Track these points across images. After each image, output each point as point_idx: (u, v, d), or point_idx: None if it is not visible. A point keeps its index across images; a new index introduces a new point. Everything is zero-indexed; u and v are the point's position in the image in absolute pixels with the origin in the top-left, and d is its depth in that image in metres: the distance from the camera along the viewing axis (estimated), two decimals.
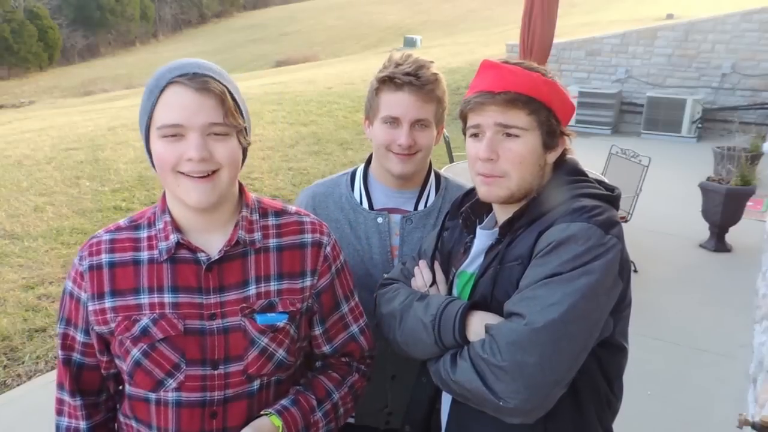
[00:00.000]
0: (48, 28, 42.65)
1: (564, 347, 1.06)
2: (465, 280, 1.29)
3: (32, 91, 34.61)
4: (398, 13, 42.77)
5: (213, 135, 1.10)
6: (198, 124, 1.08)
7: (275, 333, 1.20)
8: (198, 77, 1.09)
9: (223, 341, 1.18)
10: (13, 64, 40.45)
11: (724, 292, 4.55)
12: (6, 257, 4.75)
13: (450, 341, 1.17)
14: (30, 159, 7.40)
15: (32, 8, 42.55)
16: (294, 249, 1.24)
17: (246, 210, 1.23)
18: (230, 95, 1.12)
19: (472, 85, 1.24)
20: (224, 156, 1.11)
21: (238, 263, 1.20)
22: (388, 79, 1.48)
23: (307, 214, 1.32)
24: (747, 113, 9.39)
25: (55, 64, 43.73)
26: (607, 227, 1.11)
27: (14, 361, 3.53)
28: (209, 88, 1.09)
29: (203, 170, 1.10)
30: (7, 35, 39.19)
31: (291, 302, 1.22)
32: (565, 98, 1.23)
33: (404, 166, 1.52)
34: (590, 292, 1.06)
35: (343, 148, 8.34)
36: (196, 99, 1.08)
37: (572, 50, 10.60)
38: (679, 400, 3.25)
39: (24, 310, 4.01)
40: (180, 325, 1.16)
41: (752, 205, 5.75)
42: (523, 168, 1.18)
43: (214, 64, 1.16)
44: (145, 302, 1.17)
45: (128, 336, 1.17)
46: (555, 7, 5.07)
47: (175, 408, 1.18)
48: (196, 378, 1.17)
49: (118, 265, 1.19)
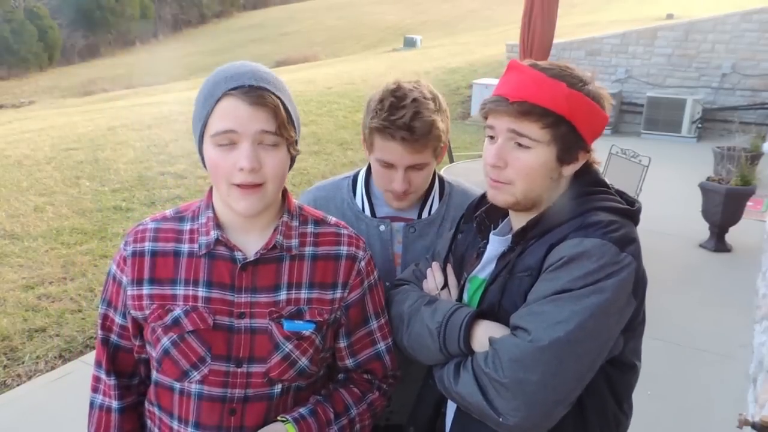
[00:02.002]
0: (48, 28, 42.63)
1: (568, 367, 1.03)
2: (476, 285, 1.27)
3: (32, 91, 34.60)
4: (398, 13, 42.75)
5: (264, 144, 1.12)
6: (251, 131, 1.11)
7: (300, 341, 1.21)
8: (253, 90, 1.11)
9: (249, 341, 1.20)
10: (13, 64, 40.41)
11: (724, 292, 4.55)
12: (6, 257, 4.75)
13: (455, 349, 1.16)
14: (30, 159, 7.40)
15: (32, 8, 42.53)
16: (329, 259, 1.26)
17: (287, 216, 1.25)
18: (283, 107, 1.14)
19: (498, 84, 1.20)
20: (272, 168, 1.14)
21: (273, 267, 1.22)
22: (381, 129, 1.42)
23: (346, 227, 1.33)
24: (747, 113, 9.39)
25: (55, 64, 43.70)
26: (623, 244, 1.07)
27: (14, 361, 3.53)
28: (264, 103, 1.11)
29: (252, 181, 1.12)
30: (7, 35, 39.16)
31: (319, 312, 1.23)
32: (594, 110, 1.14)
33: (400, 204, 1.54)
34: (600, 312, 1.03)
35: (343, 148, 8.34)
36: (250, 111, 1.10)
37: (572, 50, 10.60)
38: (679, 400, 3.25)
39: (24, 310, 4.00)
40: (210, 319, 1.18)
41: (752, 205, 5.75)
42: (530, 180, 1.15)
43: (269, 73, 1.17)
44: (180, 293, 1.20)
45: (160, 324, 1.20)
46: (555, 7, 5.07)
47: (196, 400, 1.20)
48: (220, 373, 1.19)
49: (160, 254, 1.23)
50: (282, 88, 1.17)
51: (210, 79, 1.16)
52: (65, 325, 3.85)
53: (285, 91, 1.17)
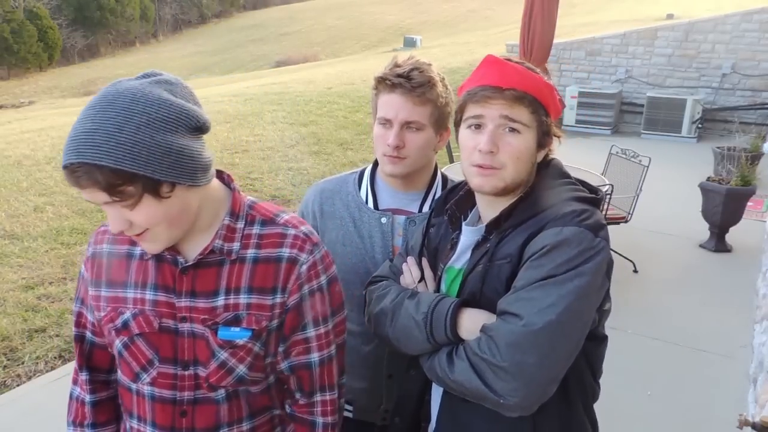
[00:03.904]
0: (48, 28, 42.65)
1: (560, 346, 1.11)
2: (453, 275, 1.32)
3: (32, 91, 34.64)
4: (398, 13, 42.79)
5: (123, 206, 1.03)
6: (100, 202, 1.03)
7: (235, 349, 1.17)
8: (74, 172, 0.98)
9: (192, 344, 1.18)
10: (12, 64, 40.45)
11: (724, 292, 4.55)
12: (6, 257, 4.75)
13: (442, 338, 1.21)
14: (30, 159, 7.40)
15: (32, 8, 42.54)
16: (270, 263, 1.19)
17: (230, 218, 1.20)
18: (109, 170, 0.98)
19: (473, 79, 1.26)
20: (142, 221, 1.06)
21: (213, 271, 1.18)
22: (382, 79, 1.51)
23: (296, 226, 1.23)
24: (747, 113, 9.39)
25: (55, 64, 43.74)
26: (596, 230, 1.16)
27: (14, 362, 3.53)
28: (87, 180, 0.98)
29: (133, 234, 1.09)
30: (7, 35, 39.18)
31: (257, 319, 1.17)
32: (558, 100, 1.28)
33: (393, 168, 1.53)
34: (582, 293, 1.12)
35: (343, 149, 8.34)
36: (85, 190, 1.01)
37: (572, 50, 10.60)
38: (679, 400, 3.25)
39: (24, 311, 4.00)
40: (155, 322, 1.18)
41: (752, 206, 5.75)
42: (520, 163, 1.22)
43: (101, 120, 0.99)
44: (130, 296, 1.20)
45: (112, 327, 1.20)
46: (555, 7, 5.07)
47: (150, 401, 1.21)
48: (168, 376, 1.19)
49: (115, 257, 1.23)
50: (115, 140, 0.97)
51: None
52: (65, 325, 3.84)
53: (120, 142, 0.98)
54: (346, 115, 10.05)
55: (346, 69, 16.66)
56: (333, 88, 12.37)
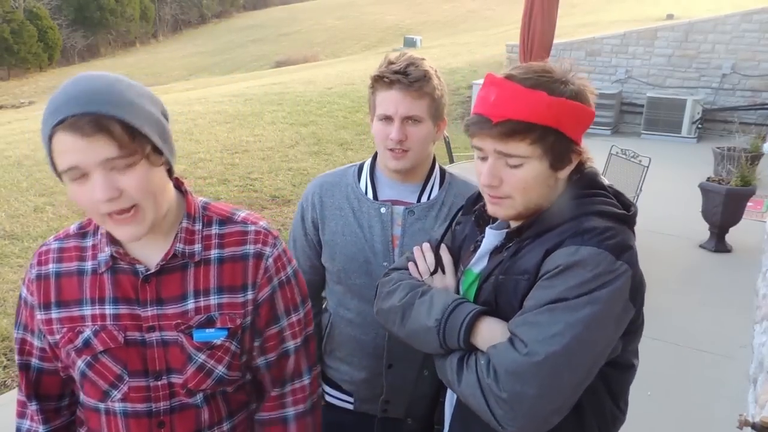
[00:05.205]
0: (48, 29, 42.65)
1: (564, 378, 1.03)
2: (471, 279, 1.27)
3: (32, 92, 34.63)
4: (398, 14, 42.78)
5: (117, 169, 1.01)
6: (94, 162, 0.99)
7: (212, 350, 1.17)
8: (82, 119, 0.98)
9: (162, 353, 1.16)
10: (13, 65, 40.46)
11: (724, 293, 4.55)
12: (6, 257, 4.75)
13: (455, 345, 1.15)
14: (30, 159, 7.40)
15: (32, 8, 42.55)
16: (235, 261, 1.19)
17: (187, 220, 1.18)
18: (124, 124, 1.00)
19: (477, 101, 1.16)
20: (136, 188, 1.03)
21: (178, 276, 1.16)
22: (379, 77, 1.54)
23: (255, 222, 1.24)
24: (747, 113, 9.39)
25: (55, 65, 43.74)
26: (619, 252, 1.06)
27: (14, 362, 3.52)
28: (99, 130, 0.99)
29: (120, 207, 1.03)
30: (7, 35, 39.18)
31: (231, 318, 1.17)
32: (579, 111, 1.12)
33: (398, 163, 1.57)
34: (595, 323, 1.03)
35: (343, 149, 8.34)
36: (85, 143, 0.99)
37: (572, 50, 10.60)
38: (679, 400, 3.25)
39: None
40: (120, 337, 1.14)
41: (752, 206, 5.75)
42: (528, 192, 1.13)
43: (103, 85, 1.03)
44: (87, 314, 1.15)
45: (72, 348, 1.16)
46: (555, 7, 5.07)
47: (123, 418, 1.17)
48: (140, 389, 1.16)
49: (64, 276, 1.18)
50: (122, 98, 1.02)
51: (44, 112, 1.03)
52: None
53: (126, 101, 1.02)
54: (346, 115, 10.05)
55: (347, 69, 16.66)
56: (333, 88, 12.37)
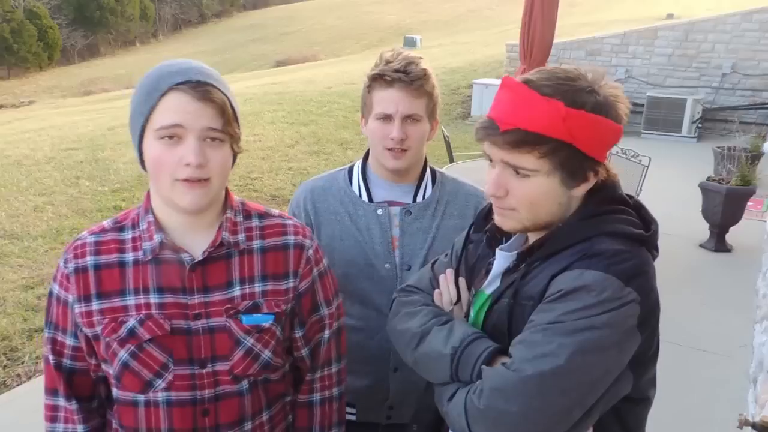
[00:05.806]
0: (48, 28, 42.63)
1: (552, 401, 0.96)
2: (482, 300, 1.21)
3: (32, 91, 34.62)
4: (398, 13, 42.77)
5: (209, 140, 1.11)
6: (197, 127, 1.09)
7: (261, 333, 1.21)
8: (201, 86, 1.09)
9: (209, 341, 1.18)
10: (12, 64, 40.44)
11: (724, 292, 4.55)
12: (6, 257, 4.75)
13: (466, 378, 1.09)
14: (30, 159, 7.40)
15: (32, 8, 42.53)
16: (278, 250, 1.25)
17: (230, 212, 1.24)
18: (230, 104, 1.13)
19: (492, 103, 1.09)
20: (217, 164, 1.13)
21: (222, 264, 1.20)
22: (379, 76, 1.52)
23: (290, 217, 1.34)
24: (747, 113, 9.39)
25: (55, 64, 43.73)
26: (628, 278, 0.98)
27: (14, 361, 3.52)
28: (212, 99, 1.10)
29: (199, 176, 1.10)
30: (7, 35, 39.17)
31: (276, 303, 1.23)
32: (600, 126, 1.02)
33: (397, 163, 1.56)
34: (591, 348, 0.96)
35: (343, 148, 8.34)
36: (197, 106, 1.09)
37: (572, 50, 10.61)
38: (679, 400, 3.24)
39: (24, 310, 4.00)
40: (166, 325, 1.16)
41: (752, 205, 5.75)
42: (535, 208, 1.06)
43: (213, 70, 1.16)
44: (131, 304, 1.17)
45: (115, 338, 1.16)
46: (555, 7, 5.08)
47: (165, 408, 1.18)
48: (185, 377, 1.18)
49: (104, 267, 1.19)
50: (226, 86, 1.16)
51: (152, 74, 1.13)
52: None
53: (229, 89, 1.16)
54: (346, 114, 10.05)
55: (347, 69, 16.66)
56: (333, 87, 12.38)
